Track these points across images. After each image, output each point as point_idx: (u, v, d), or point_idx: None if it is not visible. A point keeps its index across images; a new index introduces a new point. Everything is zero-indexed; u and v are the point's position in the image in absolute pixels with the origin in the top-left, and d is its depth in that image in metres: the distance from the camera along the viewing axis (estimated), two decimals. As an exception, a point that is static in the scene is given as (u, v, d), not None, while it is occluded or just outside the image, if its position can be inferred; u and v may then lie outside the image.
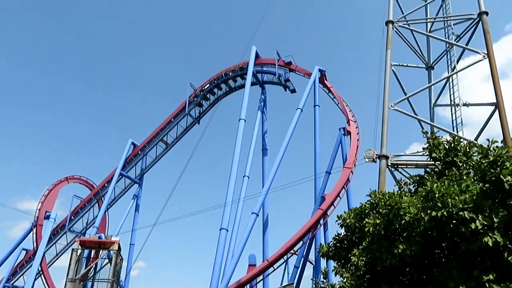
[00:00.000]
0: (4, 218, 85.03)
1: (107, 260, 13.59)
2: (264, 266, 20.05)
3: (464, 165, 5.94)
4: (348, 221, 6.16)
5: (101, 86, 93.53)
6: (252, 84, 30.83)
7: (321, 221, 22.08)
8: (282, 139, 26.60)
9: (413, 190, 5.75)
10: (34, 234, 31.60)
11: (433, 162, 6.23)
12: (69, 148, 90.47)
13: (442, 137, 6.66)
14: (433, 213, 4.58)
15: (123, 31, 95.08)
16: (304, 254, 23.57)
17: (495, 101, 16.21)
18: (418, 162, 15.17)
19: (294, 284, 23.58)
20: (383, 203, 4.77)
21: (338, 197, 22.51)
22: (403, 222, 4.69)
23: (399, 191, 5.13)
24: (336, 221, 6.36)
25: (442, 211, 4.62)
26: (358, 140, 25.58)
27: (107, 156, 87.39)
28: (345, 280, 5.37)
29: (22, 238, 33.26)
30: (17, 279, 33.56)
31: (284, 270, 33.00)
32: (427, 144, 6.43)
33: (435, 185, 4.89)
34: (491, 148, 5.36)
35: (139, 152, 34.13)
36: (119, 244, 11.80)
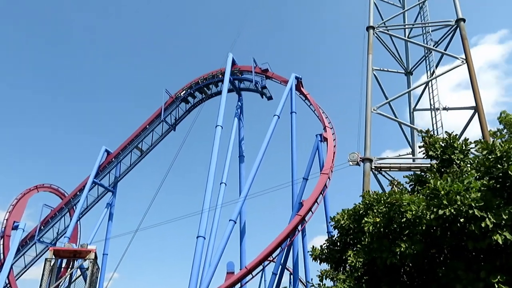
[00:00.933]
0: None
1: (80, 272, 13.12)
2: (242, 274, 19.90)
3: (462, 162, 6.01)
4: (342, 222, 6.10)
5: (72, 93, 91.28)
6: (229, 91, 30.78)
7: (299, 227, 22.14)
8: (259, 146, 26.66)
9: (409, 189, 5.75)
10: (1, 245, 30.23)
11: (419, 164, 6.33)
12: (39, 156, 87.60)
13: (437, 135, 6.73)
14: (440, 211, 4.54)
15: (97, 37, 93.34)
16: (282, 261, 23.53)
17: (474, 104, 16.78)
18: (402, 165, 15.49)
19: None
20: (383, 201, 4.73)
21: (316, 203, 22.66)
22: (404, 220, 4.63)
23: (396, 190, 5.11)
24: (329, 222, 6.29)
25: (449, 208, 4.58)
26: (334, 146, 25.91)
27: (80, 163, 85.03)
28: (339, 283, 5.28)
29: (-13, 250, 31.73)
30: (-18, 293, 31.96)
31: (261, 277, 32.81)
32: (423, 143, 6.49)
33: (438, 182, 4.87)
34: (497, 144, 5.37)
35: (113, 159, 33.35)
36: (95, 253, 11.42)
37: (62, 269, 13.35)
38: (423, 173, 6.11)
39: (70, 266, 13.19)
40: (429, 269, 4.90)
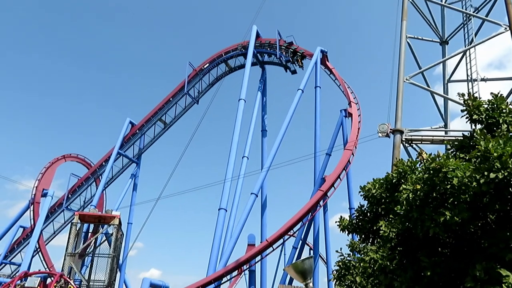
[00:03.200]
0: (2, 197, 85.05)
1: (104, 237, 13.42)
2: (263, 246, 20.03)
3: (510, 126, 5.58)
4: (373, 191, 5.82)
5: (99, 66, 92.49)
6: (253, 64, 30.39)
7: (321, 203, 22.01)
8: (282, 121, 26.41)
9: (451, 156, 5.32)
10: (31, 212, 31.45)
11: (452, 137, 5.95)
12: (68, 129, 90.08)
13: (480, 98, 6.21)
14: (492, 175, 4.22)
15: (121, 10, 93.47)
16: (303, 236, 23.58)
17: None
18: (434, 137, 14.85)
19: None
20: (425, 166, 4.43)
21: (339, 179, 22.40)
22: (449, 186, 4.32)
23: (440, 154, 4.78)
24: (359, 192, 6.03)
25: (502, 172, 4.24)
26: (359, 122, 25.37)
27: (105, 135, 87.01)
28: (371, 252, 5.07)
29: (19, 215, 33.13)
30: (15, 256, 33.57)
31: (281, 251, 33.18)
32: (465, 108, 6.03)
33: (490, 144, 4.52)
34: None
35: (137, 131, 33.78)
36: (119, 219, 11.63)
37: (90, 233, 13.70)
38: (467, 139, 5.67)
39: (96, 232, 13.52)
40: (473, 239, 4.60)
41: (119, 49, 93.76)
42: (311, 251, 31.25)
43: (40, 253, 31.56)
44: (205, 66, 34.03)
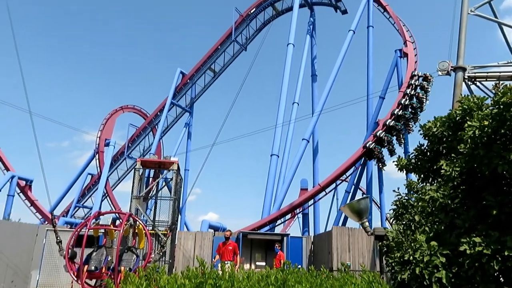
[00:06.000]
0: (72, 148, 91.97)
1: (168, 179, 14.18)
2: (316, 190, 20.38)
3: None
4: (434, 130, 5.60)
5: (150, 20, 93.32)
6: (301, 6, 29.16)
7: (374, 147, 21.65)
8: (333, 64, 25.60)
9: None
10: (97, 160, 33.88)
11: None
12: (124, 81, 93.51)
13: None
14: None
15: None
16: (356, 180, 23.55)
17: None
18: (501, 73, 13.75)
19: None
20: (494, 101, 4.17)
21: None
22: None
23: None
24: (419, 131, 5.82)
25: None
26: (415, 62, 24.01)
27: (158, 86, 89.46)
28: (432, 191, 4.99)
29: (86, 163, 35.86)
30: (86, 201, 36.85)
31: (333, 195, 33.51)
32: None
33: None
34: None
35: (188, 81, 34.37)
36: (178, 164, 12.23)
37: (150, 179, 14.59)
38: None
39: (156, 177, 14.35)
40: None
41: (168, 3, 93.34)
42: (363, 196, 31.33)
43: (107, 197, 34.35)
44: (251, 11, 33.20)
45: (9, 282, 13.09)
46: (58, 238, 8.89)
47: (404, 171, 6.18)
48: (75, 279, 8.65)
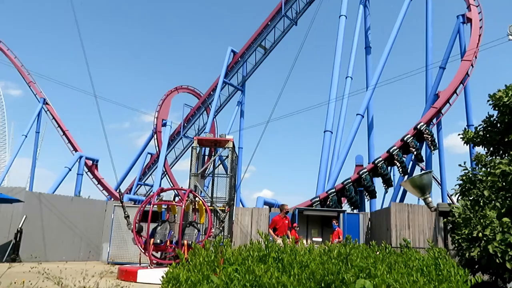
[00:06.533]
0: (132, 129, 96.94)
1: (223, 157, 14.54)
2: (371, 168, 19.90)
3: None
4: (505, 99, 5.20)
5: (201, 3, 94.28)
6: (353, -26, 27.85)
7: (434, 121, 20.68)
8: (388, 35, 24.41)
9: None
10: (155, 140, 35.40)
11: None
12: (177, 63, 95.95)
13: None
14: None
15: None
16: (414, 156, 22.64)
17: None
18: None
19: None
20: None
21: (455, 94, 20.60)
22: None
23: None
24: (488, 101, 5.44)
25: None
26: (480, 27, 22.29)
27: (211, 66, 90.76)
28: (503, 165, 4.69)
29: (146, 143, 37.65)
30: (147, 179, 38.84)
31: (390, 172, 32.54)
32: None
33: None
34: None
35: (239, 59, 34.46)
36: (233, 142, 12.48)
37: (206, 158, 15.04)
38: None
39: (212, 155, 14.74)
40: None
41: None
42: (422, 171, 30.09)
43: (166, 175, 35.94)
44: (302, -16, 32.26)
45: (86, 252, 14.29)
46: (126, 213, 9.50)
47: (471, 145, 5.82)
48: (143, 251, 9.25)
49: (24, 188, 14.57)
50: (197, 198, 9.88)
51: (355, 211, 18.67)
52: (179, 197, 14.54)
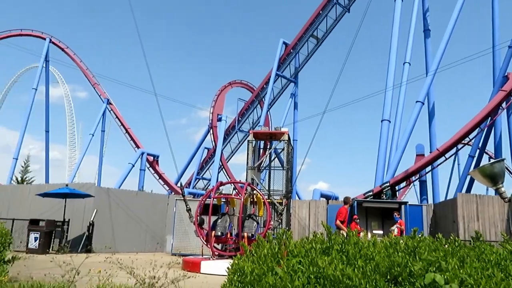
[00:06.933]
0: (189, 125, 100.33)
1: (279, 151, 14.60)
2: (434, 156, 19.00)
3: None
4: None
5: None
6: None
7: (504, 104, 19.24)
8: (448, 16, 22.94)
9: None
10: (211, 135, 36.27)
11: None
12: (229, 59, 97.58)
13: None
14: None
15: None
16: (481, 143, 21.30)
17: None
18: None
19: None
20: None
21: (528, 74, 18.98)
22: None
23: None
24: None
25: None
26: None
27: (263, 59, 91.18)
28: None
29: (202, 138, 38.72)
30: (204, 173, 39.98)
31: (454, 161, 30.88)
32: None
33: None
34: None
35: (291, 50, 34.21)
36: (288, 135, 12.47)
37: (261, 151, 15.16)
38: None
39: (270, 147, 14.83)
40: None
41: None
42: (491, 161, 28.22)
43: (223, 169, 36.73)
44: (353, -31, 31.26)
45: (153, 244, 15.07)
46: (188, 206, 9.86)
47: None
48: (205, 243, 9.56)
49: (94, 184, 15.62)
50: (255, 191, 10.02)
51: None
52: (236, 190, 14.83)
